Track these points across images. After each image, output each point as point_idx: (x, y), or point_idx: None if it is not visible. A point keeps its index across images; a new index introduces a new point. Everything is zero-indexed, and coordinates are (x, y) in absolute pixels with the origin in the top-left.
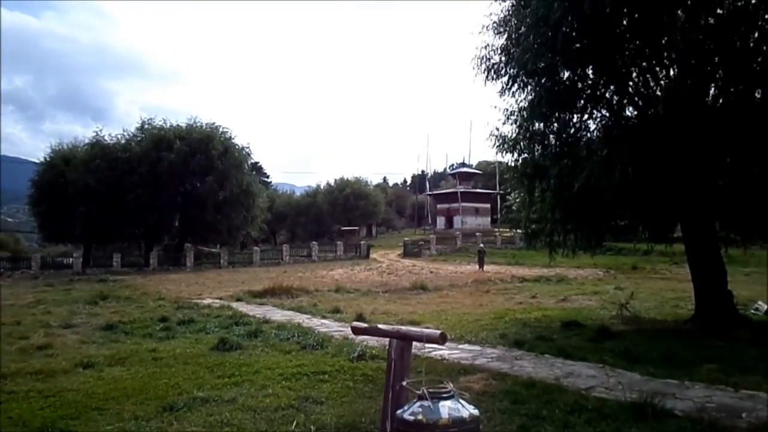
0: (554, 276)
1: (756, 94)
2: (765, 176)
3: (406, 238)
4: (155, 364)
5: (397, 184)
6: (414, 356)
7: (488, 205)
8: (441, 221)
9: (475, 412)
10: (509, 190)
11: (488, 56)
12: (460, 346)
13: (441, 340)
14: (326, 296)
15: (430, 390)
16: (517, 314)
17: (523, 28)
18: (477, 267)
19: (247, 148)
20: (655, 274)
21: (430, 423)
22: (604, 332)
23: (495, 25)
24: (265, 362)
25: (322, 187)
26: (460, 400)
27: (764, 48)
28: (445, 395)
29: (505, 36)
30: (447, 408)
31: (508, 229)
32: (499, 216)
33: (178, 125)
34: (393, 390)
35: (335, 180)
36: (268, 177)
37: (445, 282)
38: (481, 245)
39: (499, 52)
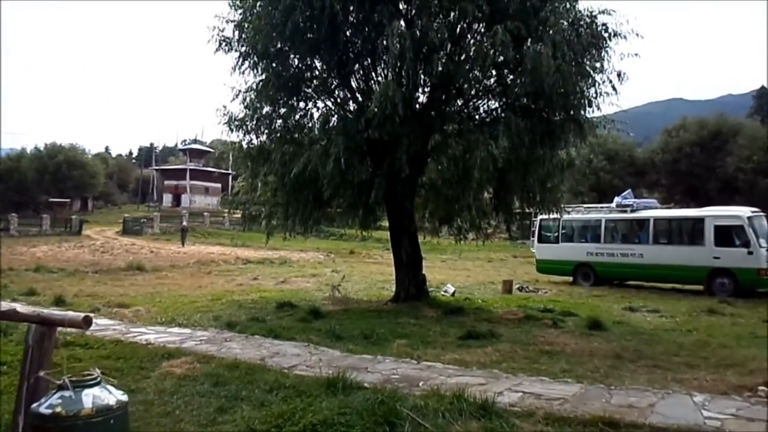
0: (278, 258)
1: (455, 106)
2: (457, 179)
3: (127, 215)
4: None
5: (121, 155)
6: (118, 342)
7: (219, 185)
8: (168, 198)
9: (124, 398)
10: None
11: (221, 28)
12: (170, 330)
13: (84, 324)
14: (22, 276)
15: (73, 378)
16: (235, 296)
17: (257, 8)
18: (194, 246)
19: None
20: (369, 258)
21: (70, 415)
22: (314, 313)
23: None
24: None
25: (28, 151)
26: (108, 386)
27: (466, 67)
28: (90, 383)
29: (240, 11)
30: (91, 396)
31: (238, 210)
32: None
33: None
34: (28, 381)
35: (45, 144)
36: None
37: (165, 262)
38: (184, 223)
39: (232, 26)
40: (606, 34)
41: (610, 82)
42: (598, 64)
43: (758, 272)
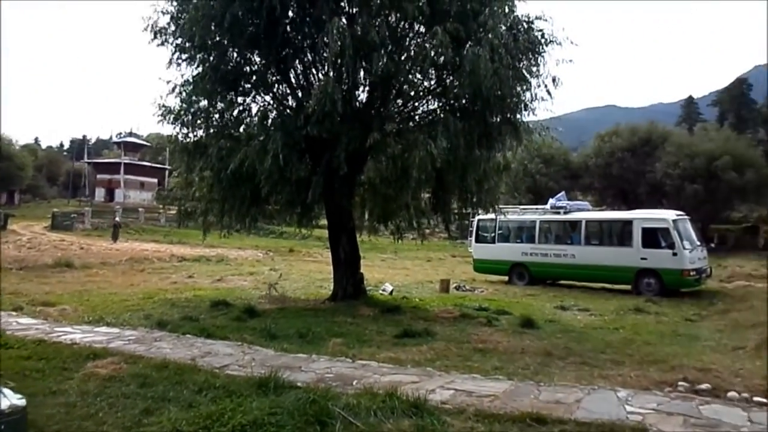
0: (215, 256)
1: (395, 105)
2: (395, 178)
3: (56, 209)
4: None
5: (51, 147)
6: (41, 342)
7: (155, 180)
8: (100, 193)
9: (21, 402)
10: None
11: (157, 19)
12: (97, 329)
13: None
14: None
15: None
16: (168, 294)
17: None
18: (127, 242)
19: None
20: (309, 257)
21: None
22: (250, 311)
23: None
24: None
25: None
26: (4, 390)
27: (407, 67)
28: None
29: (177, 2)
30: None
31: (173, 206)
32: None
33: None
34: None
35: None
36: None
37: (96, 259)
38: (117, 219)
39: (168, 17)
40: (543, 40)
41: (545, 87)
42: (534, 69)
43: (682, 273)
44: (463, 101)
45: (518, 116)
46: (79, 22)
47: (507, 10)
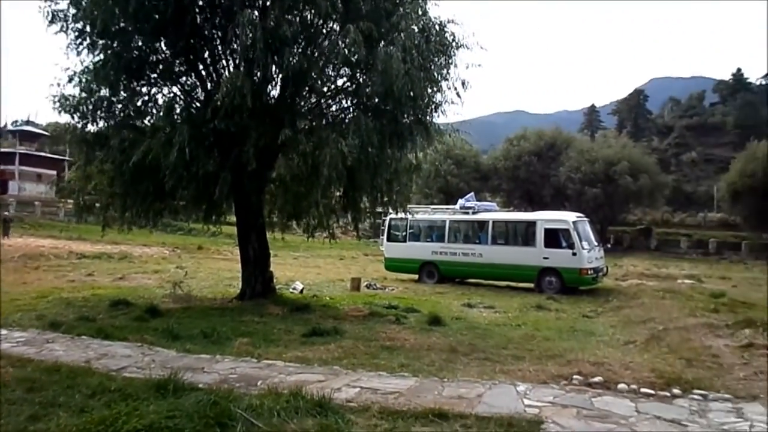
0: (118, 253)
1: (307, 102)
2: (306, 176)
3: None
4: None
5: None
6: None
7: (54, 172)
8: None
9: None
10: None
11: (55, 3)
12: None
13: None
14: None
15: None
16: (64, 293)
17: None
18: (21, 238)
19: None
20: (219, 254)
21: None
22: (152, 311)
23: None
24: None
25: None
26: None
27: (320, 64)
28: None
29: None
30: None
31: (71, 199)
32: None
33: None
34: None
35: None
36: None
37: None
38: (7, 213)
39: (68, 1)
40: (454, 43)
41: (456, 89)
42: (444, 71)
43: (580, 272)
44: (375, 100)
45: (429, 117)
46: None
47: (420, 12)
